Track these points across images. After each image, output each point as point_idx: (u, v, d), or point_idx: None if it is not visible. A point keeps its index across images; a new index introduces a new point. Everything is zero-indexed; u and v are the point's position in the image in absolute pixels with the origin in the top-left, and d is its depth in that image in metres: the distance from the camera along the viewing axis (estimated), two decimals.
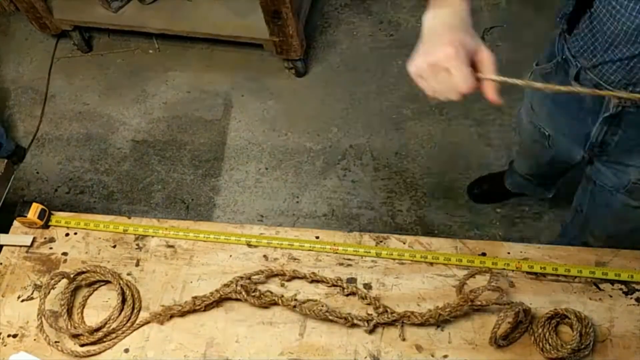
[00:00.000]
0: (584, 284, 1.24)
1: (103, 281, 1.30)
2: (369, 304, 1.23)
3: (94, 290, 1.30)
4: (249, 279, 1.24)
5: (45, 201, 2.48)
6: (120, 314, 1.24)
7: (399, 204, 2.42)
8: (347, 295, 1.25)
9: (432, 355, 1.18)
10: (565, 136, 1.39)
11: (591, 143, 1.30)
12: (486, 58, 0.88)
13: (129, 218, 1.41)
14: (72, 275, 1.26)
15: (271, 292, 1.23)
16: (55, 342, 1.24)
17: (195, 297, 1.24)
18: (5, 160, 1.45)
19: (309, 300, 1.22)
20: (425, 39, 0.90)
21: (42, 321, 1.23)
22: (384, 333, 1.21)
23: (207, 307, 1.24)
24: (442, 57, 0.86)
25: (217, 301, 1.24)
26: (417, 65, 0.89)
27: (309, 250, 1.31)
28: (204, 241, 1.35)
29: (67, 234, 1.39)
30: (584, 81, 1.15)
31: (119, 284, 1.25)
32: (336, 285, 1.24)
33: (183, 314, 1.24)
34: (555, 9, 1.20)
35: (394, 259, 1.30)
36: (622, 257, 1.27)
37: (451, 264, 1.28)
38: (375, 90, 2.69)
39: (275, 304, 1.23)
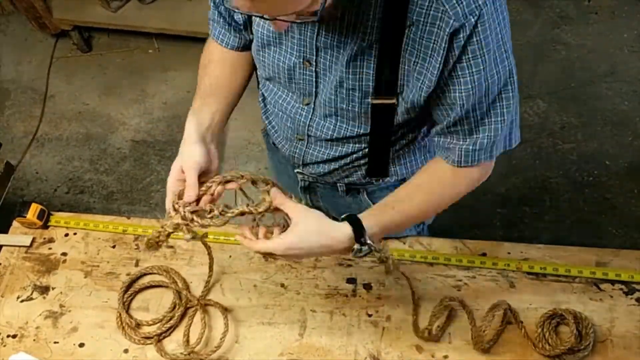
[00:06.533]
0: (585, 284, 1.24)
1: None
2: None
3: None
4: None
5: (45, 201, 2.49)
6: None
7: None
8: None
9: (433, 356, 1.18)
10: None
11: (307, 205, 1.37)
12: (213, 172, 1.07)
13: (129, 218, 1.41)
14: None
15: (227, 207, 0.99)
16: (55, 342, 1.24)
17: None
18: (5, 160, 1.45)
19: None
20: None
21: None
22: (384, 333, 1.21)
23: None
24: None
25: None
26: None
27: None
28: None
29: (66, 234, 1.38)
30: (279, 148, 1.30)
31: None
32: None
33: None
34: (555, 9, 1.21)
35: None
36: (622, 258, 1.27)
37: (451, 264, 1.28)
38: None
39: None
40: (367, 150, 1.14)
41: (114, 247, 1.36)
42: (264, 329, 1.23)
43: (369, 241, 0.96)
